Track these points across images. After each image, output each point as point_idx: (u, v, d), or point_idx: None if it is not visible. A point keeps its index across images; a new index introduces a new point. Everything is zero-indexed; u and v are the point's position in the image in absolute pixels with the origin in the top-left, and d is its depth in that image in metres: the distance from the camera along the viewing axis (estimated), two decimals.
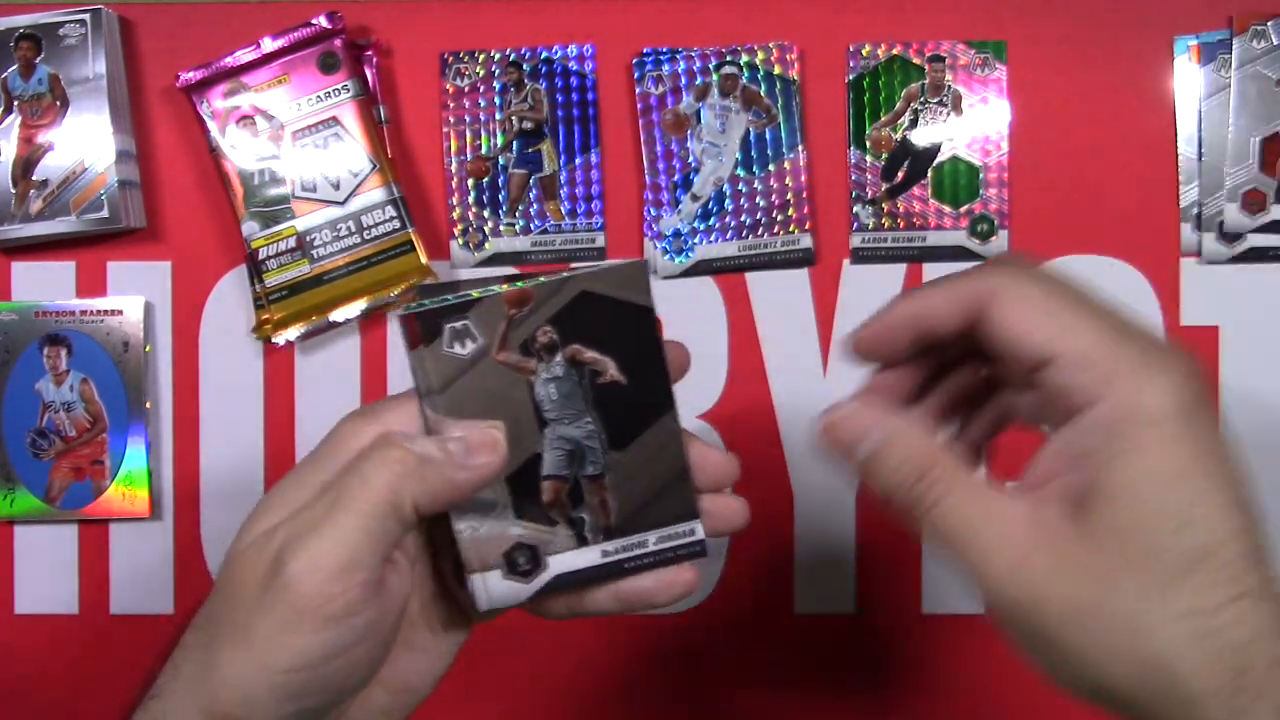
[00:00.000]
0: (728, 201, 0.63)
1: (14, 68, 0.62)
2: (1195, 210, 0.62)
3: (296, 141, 0.62)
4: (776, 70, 0.63)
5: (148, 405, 0.64)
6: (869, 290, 0.63)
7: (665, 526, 0.38)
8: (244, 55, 0.62)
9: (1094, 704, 0.32)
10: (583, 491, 0.38)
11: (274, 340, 0.62)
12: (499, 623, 0.41)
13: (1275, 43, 0.61)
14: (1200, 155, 0.62)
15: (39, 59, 0.62)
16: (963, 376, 0.39)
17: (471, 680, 0.63)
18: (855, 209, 0.63)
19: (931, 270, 0.63)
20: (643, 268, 0.36)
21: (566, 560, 0.38)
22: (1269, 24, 0.61)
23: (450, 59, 0.64)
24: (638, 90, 0.63)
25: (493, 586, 0.38)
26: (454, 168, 0.64)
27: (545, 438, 0.37)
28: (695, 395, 0.63)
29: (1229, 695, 0.30)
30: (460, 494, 0.36)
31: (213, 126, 0.62)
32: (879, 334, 0.36)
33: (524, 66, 0.63)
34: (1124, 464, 0.31)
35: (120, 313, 0.63)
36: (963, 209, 0.63)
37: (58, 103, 0.62)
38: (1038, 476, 0.33)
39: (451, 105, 0.63)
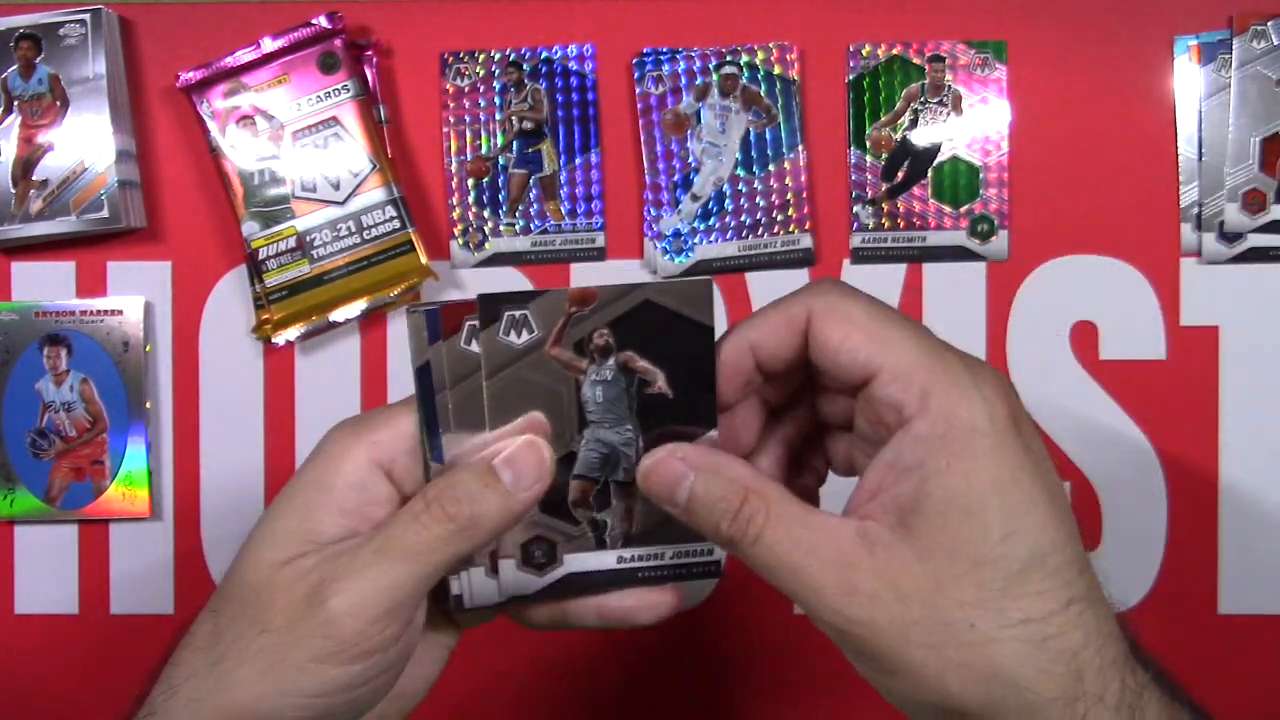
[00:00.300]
0: (728, 201, 0.63)
1: (14, 68, 0.62)
2: (1195, 210, 0.62)
3: (296, 141, 0.62)
4: (776, 70, 0.63)
5: (148, 405, 0.64)
6: (869, 290, 0.63)
7: (686, 542, 0.38)
8: (244, 55, 0.62)
9: None
10: (610, 496, 0.38)
11: (274, 340, 0.62)
12: (498, 625, 0.41)
13: (1275, 43, 0.61)
14: (1200, 155, 0.62)
15: (39, 59, 0.62)
16: (795, 421, 0.39)
17: (471, 680, 0.63)
18: (855, 209, 0.63)
19: (931, 270, 0.63)
20: (710, 286, 0.36)
21: (582, 560, 0.38)
22: (1269, 24, 0.61)
23: (450, 59, 0.64)
24: (638, 90, 0.63)
25: (505, 575, 0.38)
26: (454, 168, 0.64)
27: (583, 438, 0.37)
28: None
29: (1069, 701, 0.31)
30: (520, 520, 0.36)
31: (213, 126, 0.62)
32: (721, 371, 0.36)
33: (524, 66, 0.63)
34: (947, 476, 0.31)
35: (120, 313, 0.63)
36: (963, 209, 0.63)
37: (58, 103, 0.62)
38: (864, 494, 0.33)
39: (451, 105, 0.63)
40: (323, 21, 0.62)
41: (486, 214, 0.63)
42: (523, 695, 0.64)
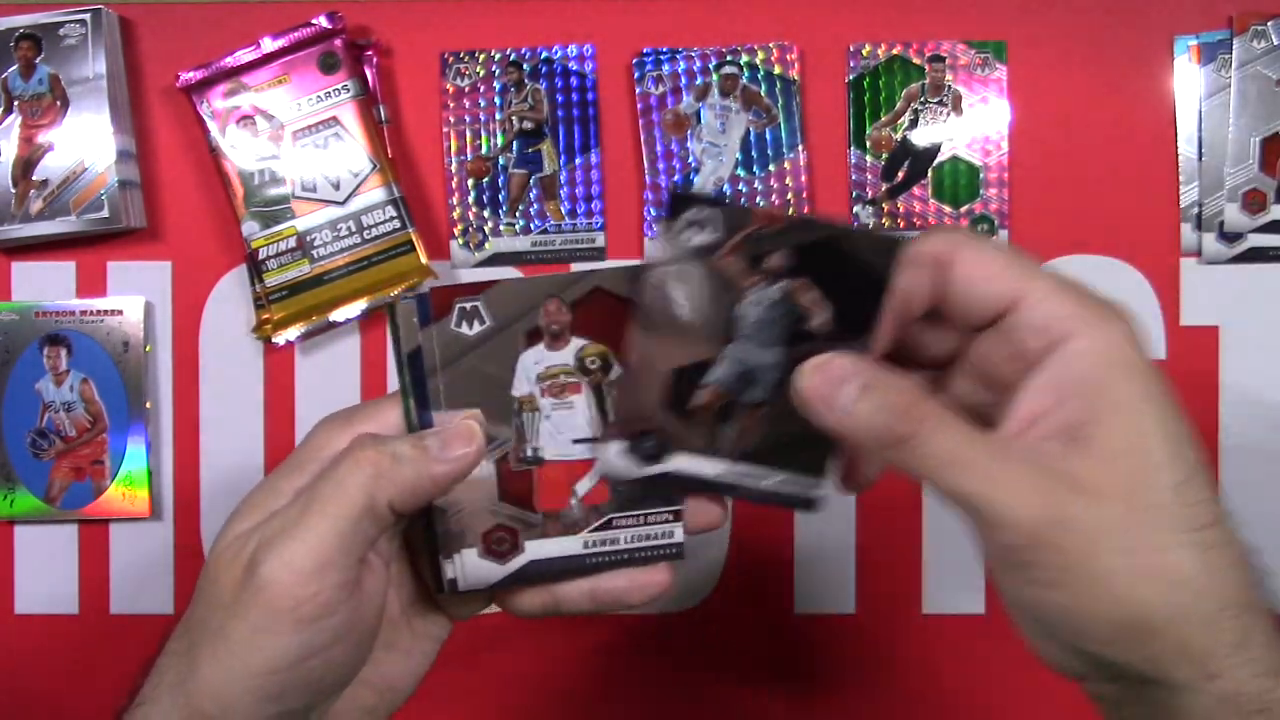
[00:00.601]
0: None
1: (14, 68, 0.62)
2: (1195, 210, 0.62)
3: (296, 141, 0.62)
4: (776, 70, 0.63)
5: (148, 405, 0.64)
6: None
7: (792, 473, 0.38)
8: (244, 55, 0.62)
9: (1100, 650, 0.32)
10: (735, 411, 0.37)
11: (274, 340, 0.62)
12: (495, 621, 0.41)
13: (1275, 43, 0.61)
14: (1200, 155, 0.62)
15: (39, 59, 0.62)
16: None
17: (469, 680, 0.63)
18: (855, 209, 0.63)
19: None
20: (901, 246, 0.35)
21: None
22: (1269, 24, 0.61)
23: (450, 59, 0.64)
24: (638, 90, 0.63)
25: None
26: (454, 168, 0.64)
27: (726, 352, 0.36)
28: None
29: (1238, 612, 0.31)
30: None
31: (213, 126, 0.62)
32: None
33: (524, 66, 0.63)
34: (1115, 390, 0.32)
35: (120, 313, 0.63)
36: (963, 209, 0.63)
37: (58, 103, 0.62)
38: (1023, 417, 0.33)
39: (451, 105, 0.63)
40: (323, 21, 0.62)
41: (486, 214, 0.63)
42: (522, 693, 0.64)
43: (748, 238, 0.35)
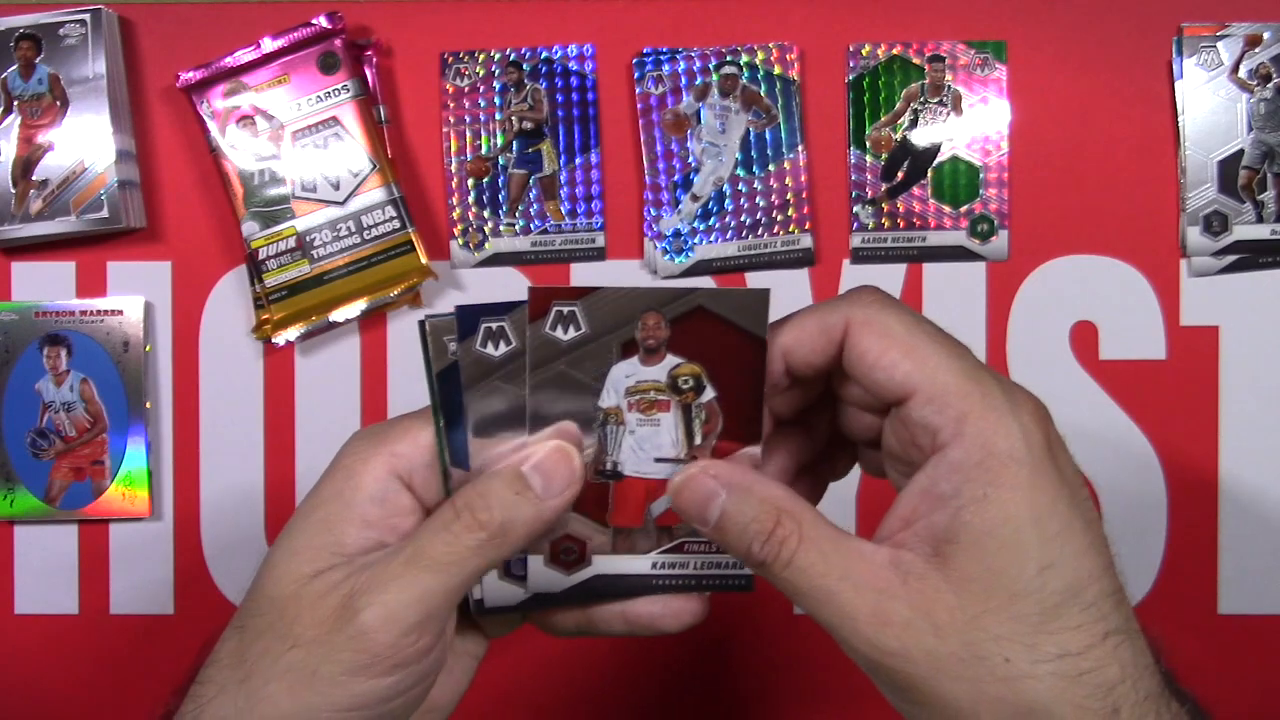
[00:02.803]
0: (728, 201, 0.63)
1: (14, 68, 0.62)
2: (1197, 210, 0.62)
3: (296, 141, 0.62)
4: (776, 70, 0.63)
5: (148, 405, 0.64)
6: None
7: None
8: (244, 55, 0.62)
9: None
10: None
11: (274, 340, 0.62)
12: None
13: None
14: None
15: (39, 59, 0.62)
16: (804, 435, 0.38)
17: (482, 680, 0.63)
18: (855, 209, 0.63)
19: (931, 270, 0.63)
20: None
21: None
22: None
23: (450, 59, 0.64)
24: (638, 90, 0.63)
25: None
26: (454, 168, 0.64)
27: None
28: None
29: None
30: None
31: (213, 126, 0.62)
32: None
33: (524, 66, 0.63)
34: (985, 506, 0.31)
35: (120, 313, 0.63)
36: (963, 209, 0.63)
37: (58, 103, 0.62)
38: (898, 521, 0.32)
39: (451, 105, 0.63)
40: (323, 21, 0.62)
41: (486, 214, 0.63)
42: (521, 692, 0.64)
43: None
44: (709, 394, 0.35)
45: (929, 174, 0.63)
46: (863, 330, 0.33)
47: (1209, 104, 0.61)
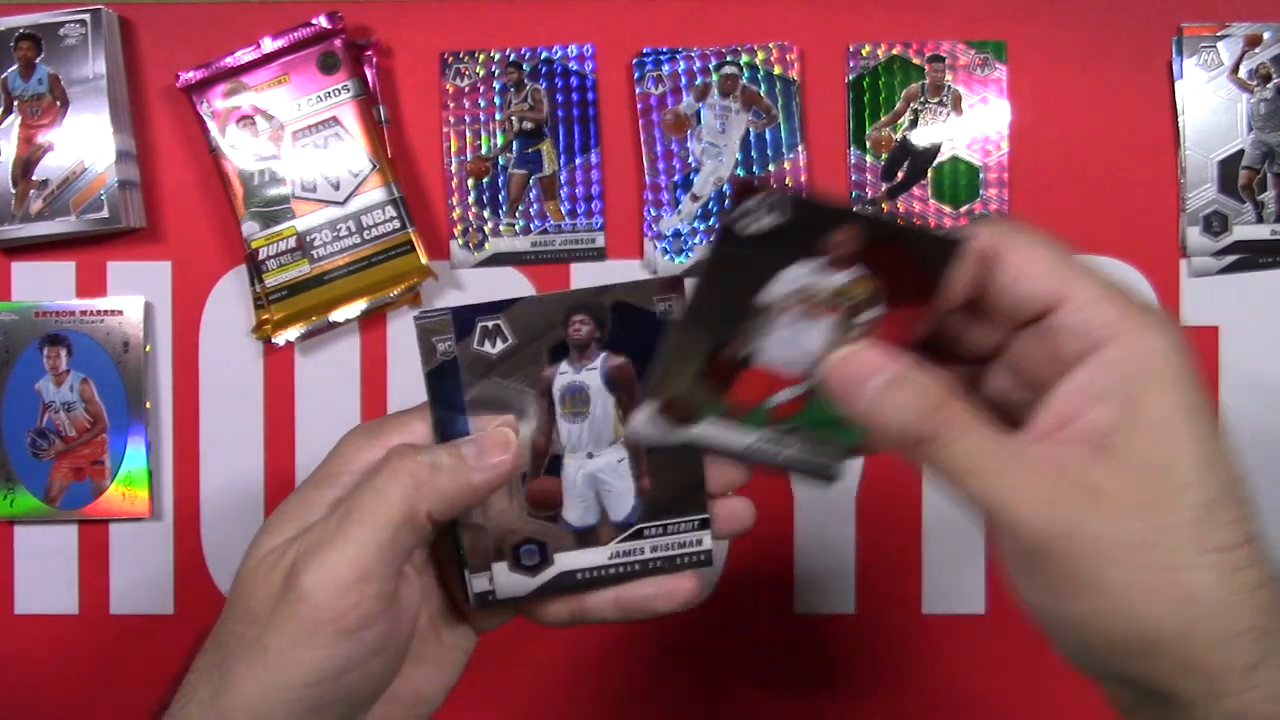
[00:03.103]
0: (728, 202, 0.63)
1: (14, 68, 0.62)
2: (1197, 210, 0.62)
3: (296, 141, 0.62)
4: (776, 70, 0.63)
5: (148, 405, 0.64)
6: None
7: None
8: (244, 55, 0.62)
9: (1110, 661, 0.32)
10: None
11: (274, 340, 0.62)
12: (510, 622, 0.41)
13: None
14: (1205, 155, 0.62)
15: (39, 59, 0.62)
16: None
17: (466, 681, 0.63)
18: (855, 209, 0.63)
19: None
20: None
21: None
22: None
23: (450, 59, 0.64)
24: (638, 90, 0.63)
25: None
26: (454, 168, 0.64)
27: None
28: None
29: (1256, 636, 0.30)
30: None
31: (213, 126, 0.62)
32: None
33: (524, 66, 0.63)
34: (1148, 401, 0.31)
35: (120, 313, 0.63)
36: (963, 209, 0.63)
37: (58, 103, 0.62)
38: (1052, 420, 0.32)
39: (451, 105, 0.63)
40: (323, 21, 0.62)
41: (486, 214, 0.63)
42: (520, 693, 0.64)
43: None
44: (876, 312, 0.35)
45: (929, 174, 0.63)
46: (1012, 246, 0.33)
47: (1209, 104, 0.61)
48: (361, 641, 0.34)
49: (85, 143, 0.61)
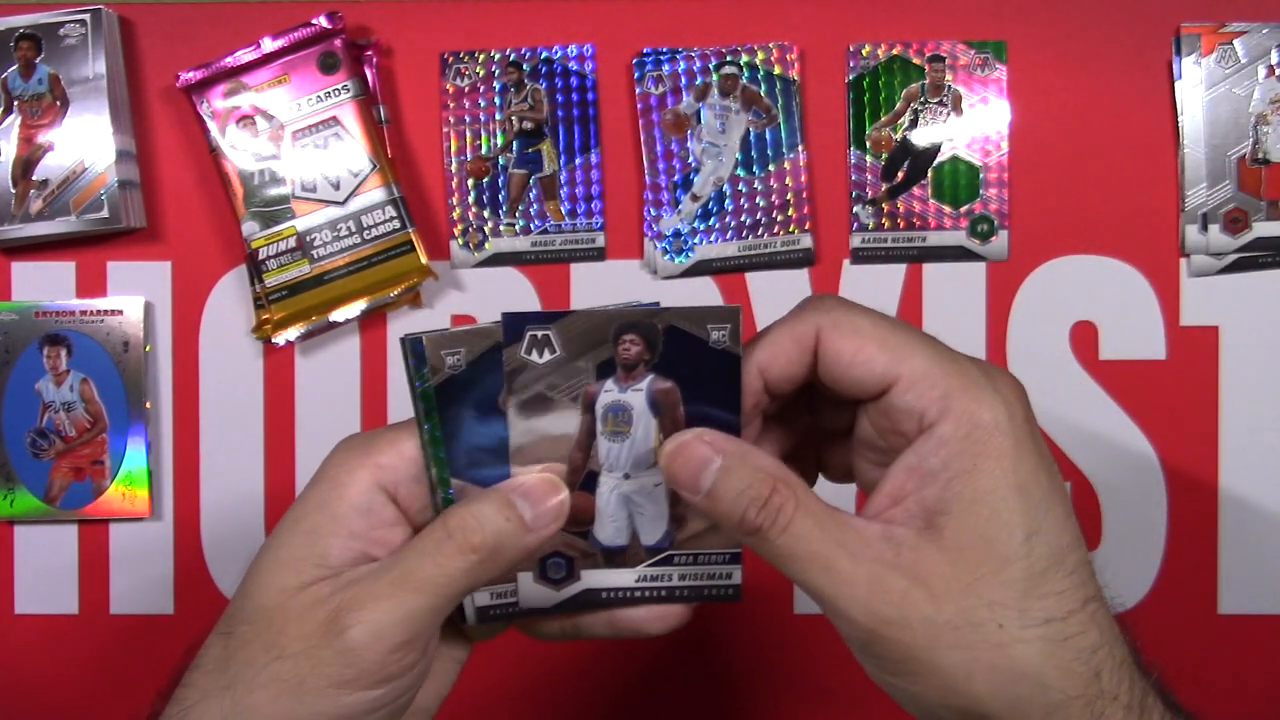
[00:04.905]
0: (728, 201, 0.63)
1: (14, 68, 0.62)
2: (1197, 210, 0.62)
3: (296, 141, 0.62)
4: (776, 70, 0.63)
5: (148, 405, 0.64)
6: (869, 290, 0.63)
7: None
8: (244, 55, 0.62)
9: None
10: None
11: (274, 340, 0.62)
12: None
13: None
14: (1206, 154, 0.62)
15: (39, 59, 0.62)
16: (785, 430, 0.39)
17: (465, 681, 0.63)
18: (855, 209, 0.63)
19: (931, 270, 0.63)
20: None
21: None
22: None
23: (450, 59, 0.64)
24: (638, 90, 0.63)
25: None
26: (454, 168, 0.64)
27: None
28: None
29: (1089, 700, 0.31)
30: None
31: (213, 126, 0.62)
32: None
33: (524, 66, 0.63)
34: (974, 476, 0.32)
35: (120, 313, 0.63)
36: (963, 209, 0.63)
37: (58, 103, 0.62)
38: (885, 499, 0.33)
39: (451, 105, 0.63)
40: (323, 21, 0.62)
41: (486, 214, 0.63)
42: (520, 693, 0.64)
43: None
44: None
45: (929, 174, 0.63)
46: (834, 333, 0.34)
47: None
48: (398, 686, 0.35)
49: (85, 143, 0.61)
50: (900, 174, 0.63)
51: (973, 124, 0.63)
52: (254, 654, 0.35)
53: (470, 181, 0.63)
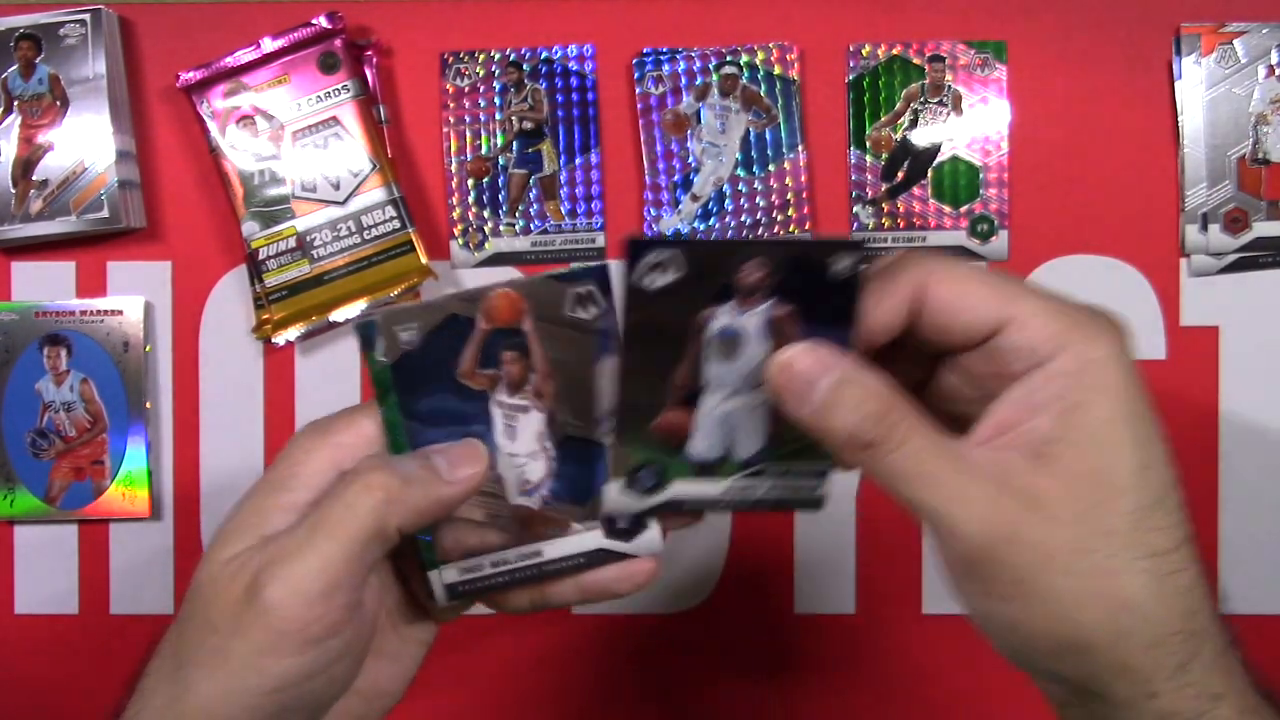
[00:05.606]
0: (728, 201, 0.63)
1: (14, 68, 0.62)
2: (1197, 210, 0.62)
3: (296, 141, 0.62)
4: (776, 70, 0.63)
5: (148, 405, 0.64)
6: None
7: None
8: (244, 55, 0.62)
9: (1045, 662, 0.32)
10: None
11: (274, 340, 0.62)
12: (491, 621, 0.41)
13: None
14: (1206, 154, 0.62)
15: (39, 59, 0.62)
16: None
17: (465, 681, 0.63)
18: (855, 209, 0.63)
19: None
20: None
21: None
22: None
23: (450, 59, 0.64)
24: (638, 90, 0.63)
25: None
26: (454, 168, 0.64)
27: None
28: None
29: (1186, 636, 0.32)
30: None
31: (213, 126, 0.62)
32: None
33: (524, 66, 0.63)
34: (1088, 409, 0.32)
35: (120, 313, 0.63)
36: (963, 209, 0.63)
37: (58, 103, 0.62)
38: (992, 428, 0.33)
39: (451, 105, 0.63)
40: (323, 21, 0.62)
41: (486, 214, 0.63)
42: (520, 694, 0.64)
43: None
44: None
45: (929, 174, 0.63)
46: (941, 283, 0.34)
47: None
48: (327, 649, 0.34)
49: (85, 143, 0.61)
50: (900, 174, 0.63)
51: (973, 124, 0.63)
52: (193, 632, 0.35)
53: (470, 181, 0.63)
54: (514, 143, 0.63)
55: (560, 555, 0.39)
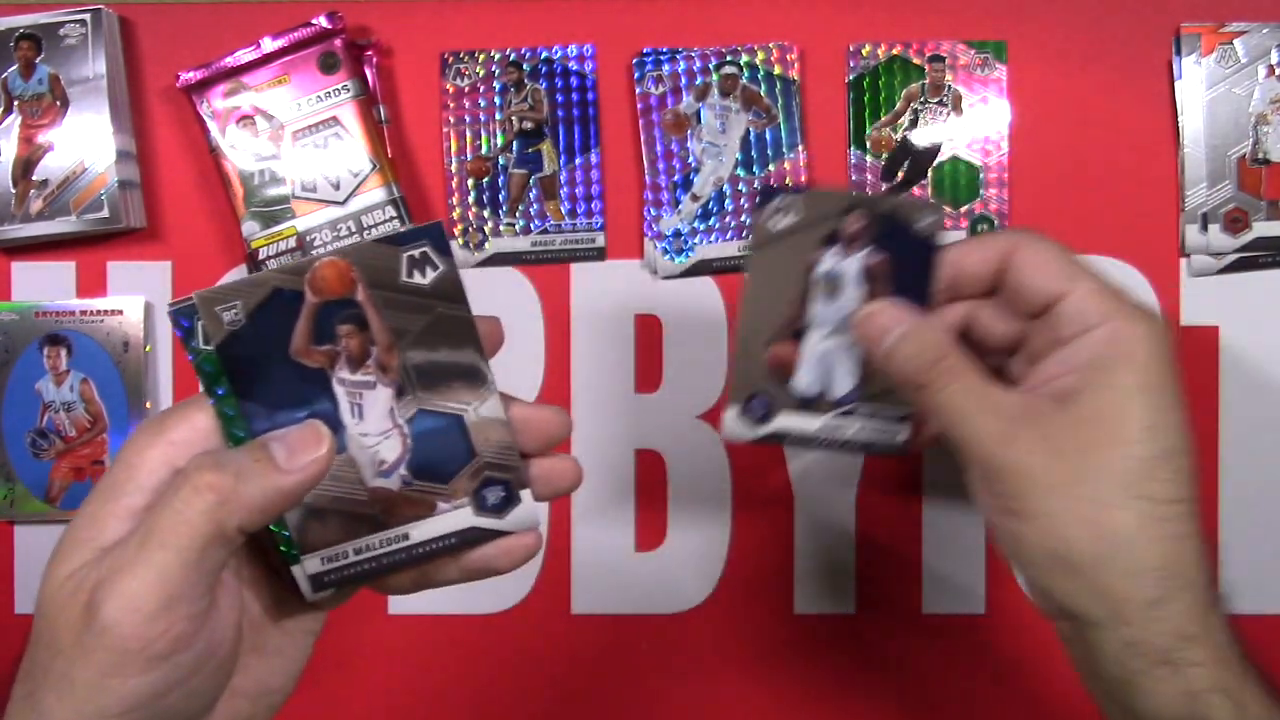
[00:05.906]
0: (728, 201, 0.63)
1: (14, 68, 0.62)
2: (1198, 209, 0.62)
3: (296, 141, 0.62)
4: (776, 70, 0.63)
5: (148, 405, 0.64)
6: None
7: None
8: (244, 55, 0.62)
9: (1042, 579, 0.37)
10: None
11: None
12: (491, 620, 0.41)
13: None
14: (1206, 154, 0.62)
15: (39, 59, 0.62)
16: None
17: (465, 681, 0.63)
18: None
19: None
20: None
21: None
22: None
23: (450, 59, 0.64)
24: (638, 90, 0.63)
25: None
26: (454, 168, 0.64)
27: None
28: (695, 396, 0.63)
29: (1164, 575, 0.36)
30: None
31: (213, 126, 0.62)
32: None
33: (524, 66, 0.63)
34: (1111, 371, 0.38)
35: (120, 313, 0.63)
36: (963, 209, 0.63)
37: (58, 103, 0.62)
38: (1037, 378, 0.40)
39: (451, 105, 0.64)
40: (323, 21, 0.62)
41: (486, 214, 0.64)
42: (520, 694, 0.64)
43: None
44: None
45: (929, 174, 0.63)
46: (1030, 248, 0.41)
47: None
48: (177, 664, 0.32)
49: (85, 143, 0.61)
50: (900, 174, 0.63)
51: (973, 124, 0.63)
52: (41, 655, 0.33)
53: (470, 181, 0.64)
54: (514, 143, 0.63)
55: (430, 537, 0.37)
